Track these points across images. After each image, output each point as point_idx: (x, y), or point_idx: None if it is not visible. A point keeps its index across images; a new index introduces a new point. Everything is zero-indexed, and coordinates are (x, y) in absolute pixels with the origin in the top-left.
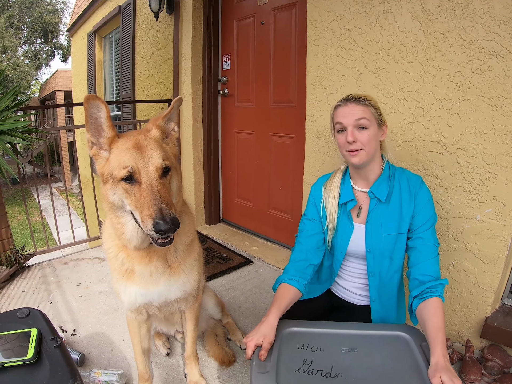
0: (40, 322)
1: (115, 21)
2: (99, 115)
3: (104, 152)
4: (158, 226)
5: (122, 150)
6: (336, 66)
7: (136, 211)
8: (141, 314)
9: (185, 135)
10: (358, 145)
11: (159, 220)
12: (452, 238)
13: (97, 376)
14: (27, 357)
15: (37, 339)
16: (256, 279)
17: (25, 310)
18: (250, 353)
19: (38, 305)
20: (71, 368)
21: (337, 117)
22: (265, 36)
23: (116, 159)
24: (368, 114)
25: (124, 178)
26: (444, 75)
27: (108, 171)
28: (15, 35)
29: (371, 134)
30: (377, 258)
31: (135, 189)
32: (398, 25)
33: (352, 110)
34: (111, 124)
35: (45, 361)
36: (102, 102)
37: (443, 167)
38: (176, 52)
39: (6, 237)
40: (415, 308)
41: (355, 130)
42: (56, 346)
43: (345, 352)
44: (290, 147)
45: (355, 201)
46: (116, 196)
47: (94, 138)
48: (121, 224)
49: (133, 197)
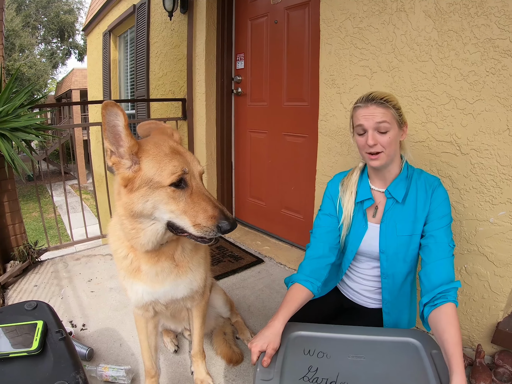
0: (47, 315)
1: (130, 20)
2: (117, 123)
3: (125, 161)
4: (225, 226)
5: (162, 156)
6: (349, 65)
7: (185, 216)
8: (148, 311)
9: (199, 133)
10: (378, 148)
11: (225, 221)
12: (464, 240)
13: (104, 371)
14: (32, 348)
15: (43, 331)
16: (266, 279)
17: (32, 303)
18: (255, 359)
19: (49, 299)
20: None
21: (357, 119)
22: (278, 35)
23: (157, 166)
24: (389, 117)
25: (174, 183)
26: (458, 74)
27: (145, 178)
28: (31, 34)
29: (392, 137)
30: (390, 260)
31: (186, 194)
32: (411, 23)
33: (373, 113)
34: (129, 133)
35: (49, 353)
36: (121, 110)
37: (457, 168)
38: (190, 51)
39: (19, 232)
40: (427, 315)
41: (375, 133)
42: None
43: (352, 359)
44: (303, 147)
45: (372, 200)
46: (150, 204)
47: (113, 146)
48: (137, 230)
49: (181, 202)
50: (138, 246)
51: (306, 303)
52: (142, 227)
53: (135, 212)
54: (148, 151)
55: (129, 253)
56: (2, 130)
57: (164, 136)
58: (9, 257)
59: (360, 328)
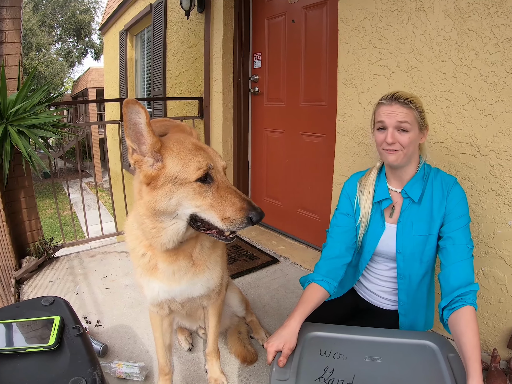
0: (64, 310)
1: (147, 19)
2: (139, 121)
3: (147, 159)
4: (255, 217)
5: (186, 152)
6: (367, 65)
7: (212, 210)
8: (163, 309)
9: (215, 133)
10: (396, 146)
11: (254, 211)
12: (482, 243)
13: (118, 368)
14: (49, 344)
15: (59, 327)
16: (282, 279)
17: (49, 298)
18: (271, 358)
19: (64, 295)
20: (91, 357)
21: (379, 115)
22: (296, 35)
23: (182, 162)
24: (411, 118)
25: (200, 178)
26: (477, 75)
27: (169, 176)
28: (48, 33)
29: (411, 138)
30: (407, 260)
31: (212, 188)
32: (430, 23)
33: (395, 111)
34: (151, 130)
35: (66, 349)
36: (142, 108)
37: (475, 169)
38: (207, 50)
39: (35, 228)
40: (446, 319)
41: (395, 132)
42: (78, 335)
43: (369, 361)
44: (320, 147)
45: (390, 200)
46: (174, 201)
47: (135, 144)
48: (158, 229)
49: (208, 197)
50: (158, 245)
51: (322, 303)
52: (163, 226)
53: (158, 210)
54: (171, 148)
55: (147, 252)
56: (20, 127)
57: (184, 134)
58: (25, 252)
59: (377, 330)
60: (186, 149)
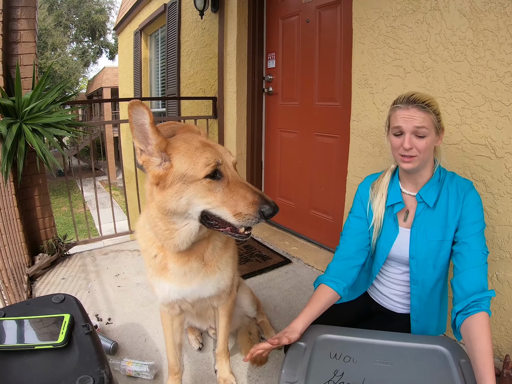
0: (74, 308)
1: (161, 19)
2: (144, 121)
3: (155, 159)
4: (268, 211)
5: (193, 150)
6: (382, 65)
7: (223, 206)
8: (173, 309)
9: (229, 132)
10: (413, 152)
11: (266, 205)
12: (497, 247)
13: (128, 366)
14: (58, 341)
15: (69, 325)
16: (294, 280)
17: (60, 296)
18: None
19: (76, 292)
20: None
21: (395, 119)
22: (310, 34)
23: (190, 160)
24: (428, 123)
25: (209, 175)
26: (493, 75)
27: (176, 175)
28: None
29: (428, 142)
30: (420, 265)
31: (223, 184)
32: (445, 22)
33: (412, 115)
34: (155, 130)
35: (75, 347)
36: (146, 108)
37: (491, 172)
38: (221, 50)
39: (49, 226)
40: (459, 324)
41: (412, 137)
42: (87, 333)
43: (379, 365)
44: (334, 147)
45: (403, 204)
46: (184, 200)
47: (142, 144)
48: (170, 230)
49: (219, 193)
50: (171, 247)
51: (334, 306)
52: (176, 227)
53: (168, 210)
54: (178, 147)
55: (159, 253)
56: (34, 126)
57: (192, 133)
58: (38, 249)
59: (388, 334)
60: (193, 147)
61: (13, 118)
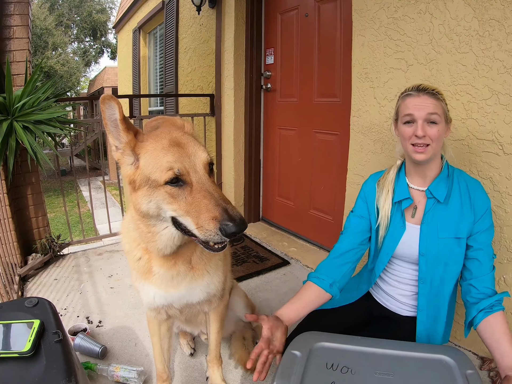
0: (47, 313)
1: (159, 17)
2: (116, 117)
3: (127, 157)
4: (229, 229)
5: (159, 150)
6: (383, 58)
7: (188, 217)
8: (160, 314)
9: (226, 130)
10: (427, 140)
11: (228, 222)
12: (505, 248)
13: (116, 371)
14: (24, 350)
15: (38, 332)
16: (292, 282)
17: (33, 300)
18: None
19: (68, 294)
20: (68, 366)
21: (406, 107)
22: (309, 29)
23: (153, 162)
24: (439, 110)
25: (170, 181)
26: (500, 67)
27: (143, 177)
28: (64, 33)
29: (440, 131)
30: (430, 263)
31: (185, 192)
32: (449, 12)
33: (424, 102)
34: (125, 127)
35: (42, 356)
36: (117, 103)
37: (498, 169)
38: (218, 46)
39: (42, 225)
40: (479, 321)
41: (425, 124)
42: (56, 341)
43: (379, 377)
44: (334, 145)
45: (411, 199)
46: (153, 204)
47: (116, 141)
48: (152, 233)
49: (181, 202)
50: (155, 251)
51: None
52: (156, 230)
53: (141, 212)
54: (146, 146)
55: (144, 255)
56: (25, 123)
57: (171, 128)
58: (31, 249)
59: (389, 342)
60: (159, 147)
61: (4, 115)
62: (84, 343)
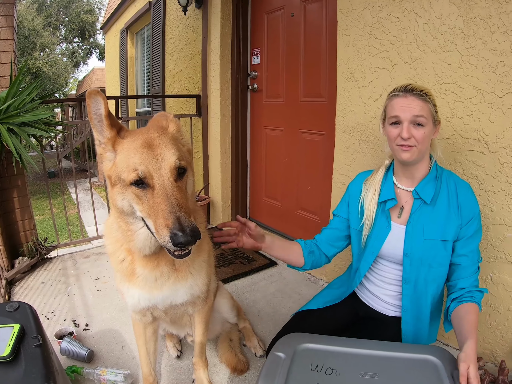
0: (27, 318)
1: (146, 17)
2: (101, 112)
3: (109, 153)
4: (177, 239)
5: (130, 150)
6: (368, 57)
7: (149, 219)
8: (146, 316)
9: (213, 130)
10: (411, 142)
11: (178, 232)
12: (491, 247)
13: (102, 375)
14: (3, 354)
15: (17, 336)
16: (279, 282)
17: (14, 304)
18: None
19: (55, 297)
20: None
21: (393, 108)
22: (295, 29)
23: (124, 161)
24: (426, 112)
25: (134, 182)
26: (485, 65)
27: (116, 174)
28: (52, 33)
29: (426, 133)
30: (414, 264)
31: (148, 195)
32: (434, 11)
33: (411, 104)
34: (109, 123)
35: (21, 361)
36: (103, 98)
37: (484, 167)
38: (204, 46)
39: (29, 228)
40: (452, 310)
41: (411, 126)
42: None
43: (365, 378)
44: (320, 145)
45: (395, 200)
46: (126, 202)
47: (100, 136)
48: (131, 232)
49: (145, 204)
50: (136, 250)
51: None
52: (134, 228)
53: (118, 208)
54: (123, 144)
55: (128, 256)
56: (10, 125)
57: (154, 127)
58: (18, 253)
59: (375, 343)
60: (133, 146)
61: None
62: (71, 346)
